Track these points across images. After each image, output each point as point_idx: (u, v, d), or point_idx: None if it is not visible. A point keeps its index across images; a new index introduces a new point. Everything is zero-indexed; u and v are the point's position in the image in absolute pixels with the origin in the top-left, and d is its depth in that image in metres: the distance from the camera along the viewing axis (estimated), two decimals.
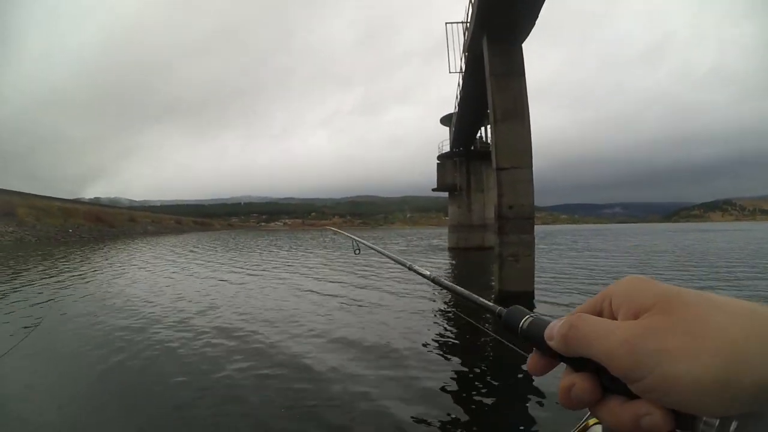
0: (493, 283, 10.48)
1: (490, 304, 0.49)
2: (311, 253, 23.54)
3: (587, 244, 30.24)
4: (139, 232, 47.16)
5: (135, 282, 11.33)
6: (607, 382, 0.30)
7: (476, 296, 0.53)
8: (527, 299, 8.78)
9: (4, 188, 35.07)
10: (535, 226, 9.48)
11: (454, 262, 19.74)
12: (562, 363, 0.34)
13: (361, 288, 10.50)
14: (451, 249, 27.77)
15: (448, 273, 15.13)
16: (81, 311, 7.56)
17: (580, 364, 0.32)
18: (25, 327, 6.36)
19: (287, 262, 17.96)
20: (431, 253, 23.86)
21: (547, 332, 0.35)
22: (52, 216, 32.11)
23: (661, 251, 20.93)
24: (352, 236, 1.95)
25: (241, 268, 15.45)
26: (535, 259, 9.55)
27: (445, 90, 33.89)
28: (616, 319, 0.31)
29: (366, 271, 13.79)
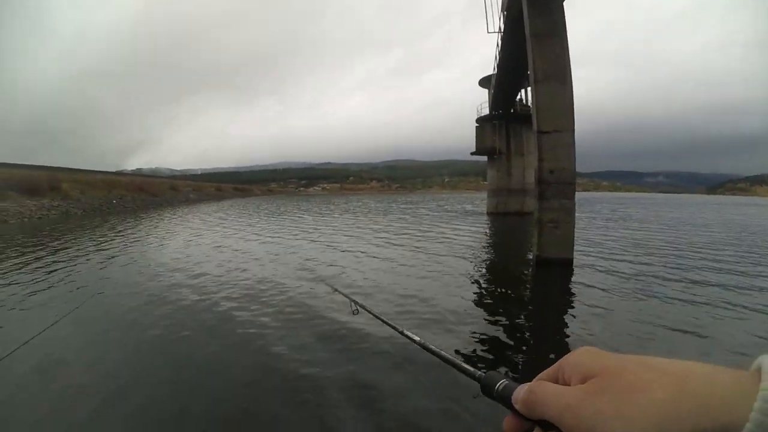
0: (531, 250, 10.42)
1: (471, 369, 0.53)
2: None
3: (626, 213, 28.71)
4: (180, 200, 48.51)
5: (188, 247, 11.88)
6: None
7: (459, 362, 0.58)
8: (566, 267, 8.71)
9: (49, 165, 37.05)
10: (576, 193, 9.26)
11: (491, 227, 19.58)
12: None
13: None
14: (489, 214, 27.51)
15: (485, 238, 15.09)
16: (135, 278, 7.99)
17: (548, 425, 0.35)
18: (78, 289, 6.90)
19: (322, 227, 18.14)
20: (460, 219, 23.50)
21: (513, 396, 0.39)
22: (96, 188, 33.55)
23: (701, 225, 19.44)
24: (350, 297, 1.91)
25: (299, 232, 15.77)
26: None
27: (484, 51, 32.49)
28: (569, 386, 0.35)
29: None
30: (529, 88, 19.00)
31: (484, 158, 29.50)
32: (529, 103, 22.28)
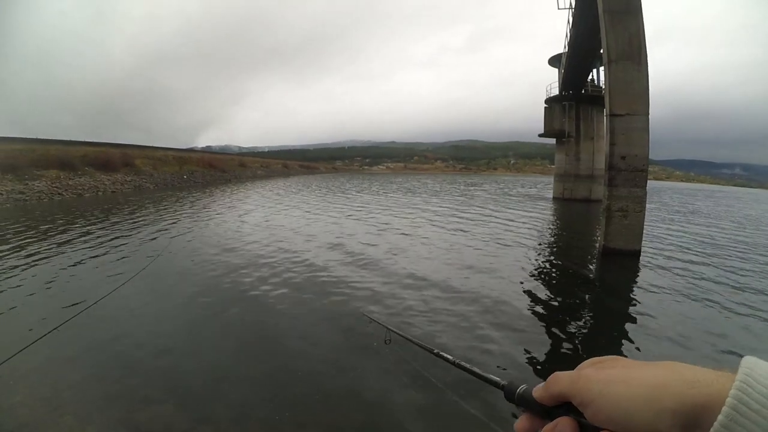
0: (597, 239, 10.02)
1: (496, 378, 0.60)
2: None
3: (695, 207, 25.86)
4: (249, 176, 50.13)
5: (258, 217, 12.43)
6: (582, 426, 0.40)
7: (487, 374, 0.65)
8: (632, 259, 8.31)
9: (123, 143, 39.68)
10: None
11: (556, 213, 18.88)
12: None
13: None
14: (555, 199, 26.50)
15: (549, 224, 14.61)
16: (207, 243, 8.71)
17: (559, 414, 0.42)
18: (149, 256, 7.70)
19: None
20: (529, 203, 22.79)
21: (534, 389, 0.46)
22: (168, 164, 35.32)
23: None
24: (387, 325, 1.99)
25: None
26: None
27: (555, 28, 30.73)
28: None
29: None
30: (601, 68, 17.95)
31: (552, 141, 28.30)
32: (601, 84, 21.01)
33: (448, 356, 1.00)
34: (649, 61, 8.54)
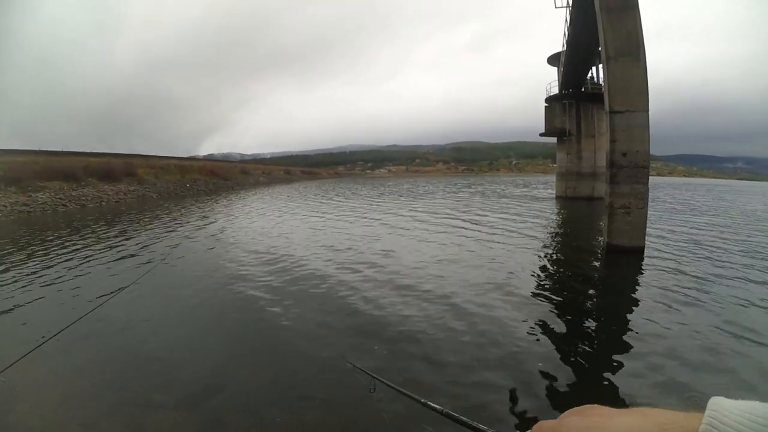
0: (600, 237, 9.99)
1: (482, 427, 0.67)
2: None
3: (694, 204, 23.43)
4: (251, 183, 50.30)
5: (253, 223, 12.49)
6: None
7: (468, 420, 0.72)
8: (636, 256, 8.28)
9: (125, 152, 39.85)
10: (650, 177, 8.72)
11: (559, 212, 18.82)
12: None
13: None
14: (558, 198, 26.45)
15: (553, 223, 14.56)
16: (208, 250, 8.70)
17: None
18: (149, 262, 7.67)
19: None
20: (529, 202, 22.68)
21: None
22: (170, 173, 35.46)
23: None
24: (372, 374, 1.77)
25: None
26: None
27: (553, 27, 30.67)
28: None
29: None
30: (600, 66, 17.92)
31: (554, 140, 28.27)
32: (601, 82, 20.99)
33: (436, 406, 1.01)
34: (651, 57, 8.56)
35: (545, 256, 8.87)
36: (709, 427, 0.34)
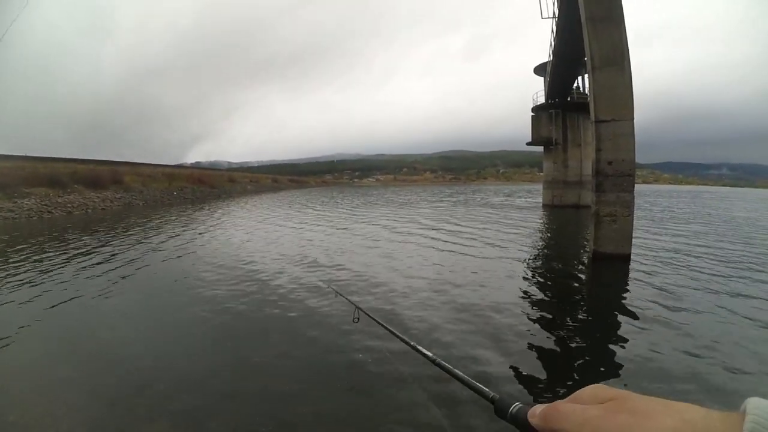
0: (587, 244, 10.02)
1: (485, 389, 0.57)
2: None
3: (675, 212, 22.99)
4: (238, 191, 49.87)
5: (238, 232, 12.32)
6: None
7: (473, 381, 0.61)
8: (623, 263, 8.31)
9: (112, 159, 39.24)
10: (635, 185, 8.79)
11: (546, 220, 18.93)
12: None
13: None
14: (545, 206, 26.65)
15: (540, 232, 14.62)
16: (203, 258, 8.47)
17: None
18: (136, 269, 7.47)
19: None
20: (514, 211, 22.81)
21: (530, 413, 0.43)
22: (157, 181, 35.09)
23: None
24: (355, 303, 1.86)
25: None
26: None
27: (540, 37, 31.18)
28: None
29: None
30: (586, 76, 18.16)
31: (540, 149, 28.55)
32: (587, 91, 21.30)
33: (427, 352, 0.91)
34: (638, 64, 8.65)
35: (531, 264, 8.86)
36: (757, 426, 0.31)
